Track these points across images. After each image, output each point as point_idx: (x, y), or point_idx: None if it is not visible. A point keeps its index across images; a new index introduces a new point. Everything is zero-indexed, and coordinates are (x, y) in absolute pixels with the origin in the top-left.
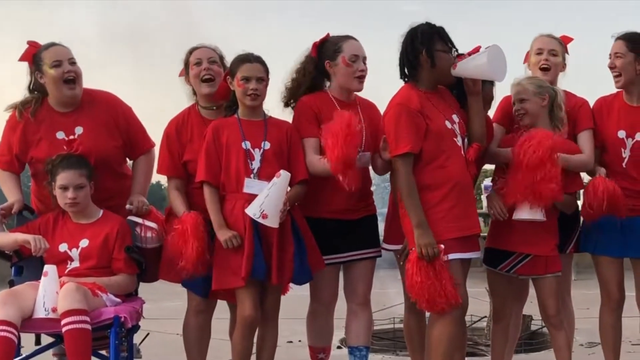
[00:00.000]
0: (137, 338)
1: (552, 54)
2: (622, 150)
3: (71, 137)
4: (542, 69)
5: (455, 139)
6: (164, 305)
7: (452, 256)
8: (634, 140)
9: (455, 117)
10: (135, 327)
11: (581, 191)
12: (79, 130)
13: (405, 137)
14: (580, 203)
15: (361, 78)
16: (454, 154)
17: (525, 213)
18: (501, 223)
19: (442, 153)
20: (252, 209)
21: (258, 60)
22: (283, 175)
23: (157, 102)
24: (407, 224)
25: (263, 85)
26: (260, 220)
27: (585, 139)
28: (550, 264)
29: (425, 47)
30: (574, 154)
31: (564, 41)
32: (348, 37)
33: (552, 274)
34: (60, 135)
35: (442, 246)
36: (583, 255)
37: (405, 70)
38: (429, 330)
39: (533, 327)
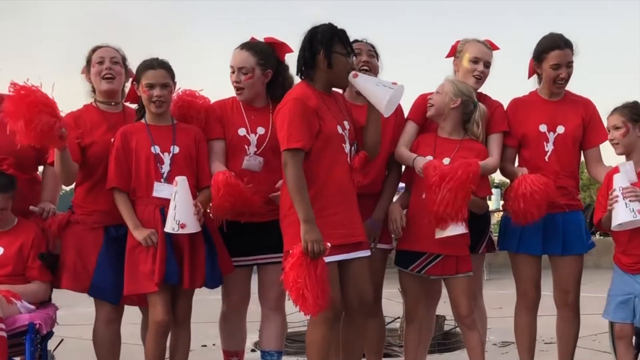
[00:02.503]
0: (51, 344)
1: (486, 66)
2: (545, 144)
3: None
4: (477, 79)
5: (343, 145)
6: (77, 311)
7: (328, 259)
8: (556, 133)
9: (346, 124)
10: (50, 334)
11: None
12: None
13: (298, 133)
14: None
15: (236, 89)
16: (339, 159)
17: (447, 231)
18: (411, 224)
19: (327, 156)
20: (170, 225)
21: (162, 66)
22: (179, 181)
23: None
24: (292, 222)
25: (168, 91)
26: (182, 231)
27: (494, 142)
28: (461, 264)
29: (323, 48)
30: (480, 155)
31: (491, 46)
32: (236, 48)
33: (463, 274)
34: None
35: (329, 244)
36: (495, 255)
37: (303, 68)
38: (307, 333)
39: (446, 327)
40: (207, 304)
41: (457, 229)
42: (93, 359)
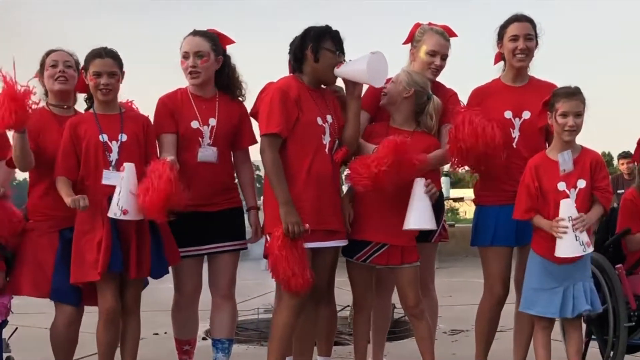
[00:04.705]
0: (5, 333)
1: (443, 58)
2: (512, 130)
3: None
4: (434, 72)
5: (322, 136)
6: (31, 299)
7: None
8: (522, 119)
9: (329, 117)
10: (4, 322)
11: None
12: None
13: (277, 119)
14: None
15: (192, 73)
16: (316, 149)
17: (413, 222)
18: (358, 214)
19: (304, 145)
20: (112, 210)
21: (110, 55)
22: (127, 168)
23: None
24: (270, 205)
25: (115, 79)
26: (123, 217)
27: (446, 133)
28: (407, 254)
29: (312, 43)
30: (431, 148)
31: (449, 34)
32: (188, 34)
33: (409, 264)
34: None
35: (308, 225)
36: (445, 243)
37: (293, 62)
38: (272, 318)
39: (396, 316)
40: (158, 292)
41: (424, 223)
42: (47, 347)
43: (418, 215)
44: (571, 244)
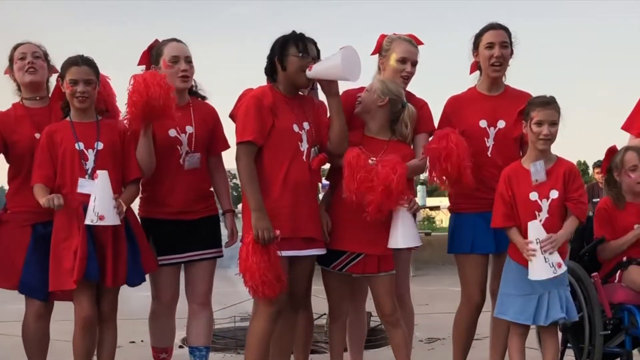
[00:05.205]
0: None
1: (413, 65)
2: (486, 139)
3: None
4: (405, 79)
5: (299, 143)
6: (6, 307)
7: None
8: (497, 128)
9: (306, 125)
10: None
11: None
12: None
13: (251, 127)
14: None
15: (184, 77)
16: (293, 156)
17: (399, 242)
18: (333, 222)
19: (280, 152)
20: (89, 217)
21: (86, 62)
22: (100, 175)
23: None
24: (247, 213)
25: (92, 87)
26: (100, 223)
27: (420, 143)
28: (383, 263)
29: (277, 53)
30: (406, 158)
31: (416, 42)
32: (170, 40)
33: (386, 272)
34: None
35: (278, 232)
36: (421, 251)
37: (267, 74)
38: (249, 326)
39: (372, 324)
40: (135, 300)
41: (412, 242)
42: (23, 355)
43: (404, 234)
44: (541, 267)
